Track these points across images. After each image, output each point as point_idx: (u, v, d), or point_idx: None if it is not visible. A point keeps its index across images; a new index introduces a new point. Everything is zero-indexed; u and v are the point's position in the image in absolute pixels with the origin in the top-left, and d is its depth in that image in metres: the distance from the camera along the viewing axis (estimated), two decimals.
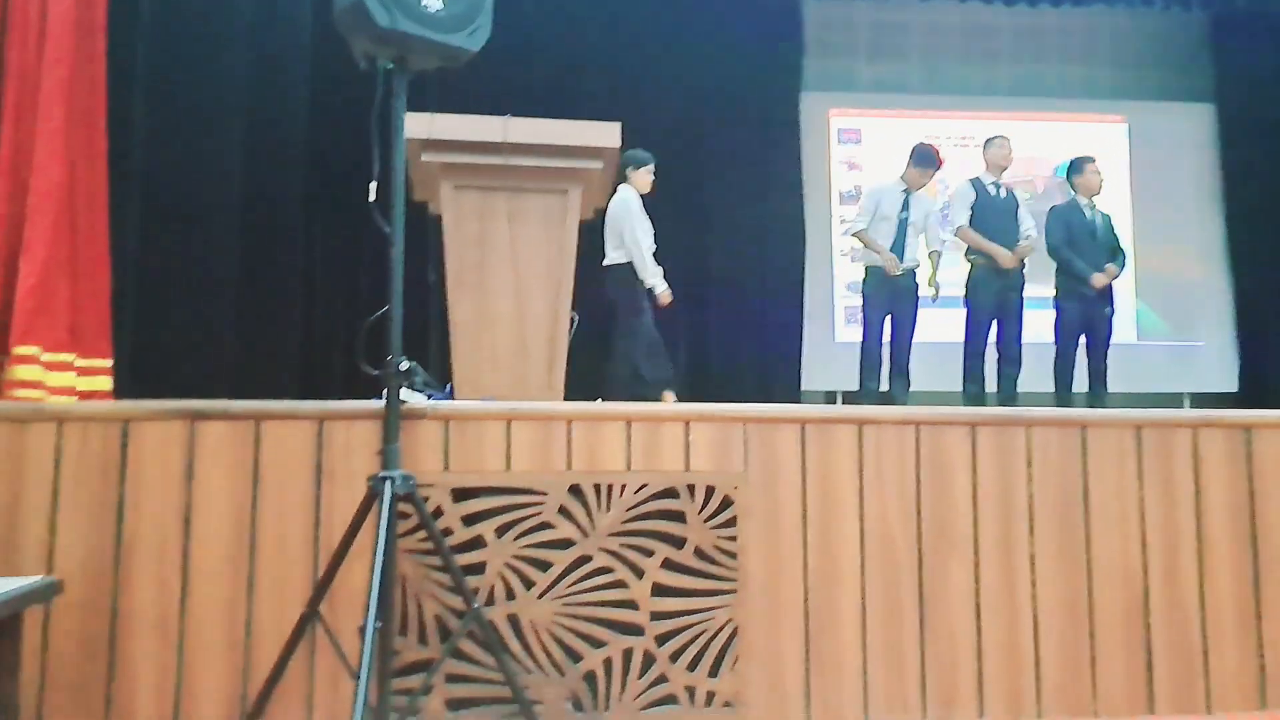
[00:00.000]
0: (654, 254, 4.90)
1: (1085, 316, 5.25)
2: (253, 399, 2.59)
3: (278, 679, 2.32)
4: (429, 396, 2.76)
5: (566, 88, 6.39)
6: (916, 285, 5.29)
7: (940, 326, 5.66)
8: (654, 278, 4.87)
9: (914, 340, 5.28)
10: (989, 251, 5.21)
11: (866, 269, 5.32)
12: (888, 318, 5.26)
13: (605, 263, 4.89)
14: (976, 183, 5.38)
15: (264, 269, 5.64)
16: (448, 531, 2.49)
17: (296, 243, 5.92)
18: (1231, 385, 5.81)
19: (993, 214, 5.28)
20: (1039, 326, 5.52)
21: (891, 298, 5.23)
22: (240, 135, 5.56)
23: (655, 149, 5.77)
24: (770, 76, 7.04)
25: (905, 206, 5.25)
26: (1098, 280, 5.17)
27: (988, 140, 5.48)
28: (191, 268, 5.20)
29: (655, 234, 4.96)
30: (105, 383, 3.57)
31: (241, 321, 5.46)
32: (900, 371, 5.26)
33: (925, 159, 5.30)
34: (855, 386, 5.33)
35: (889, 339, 5.27)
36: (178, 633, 2.40)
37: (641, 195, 4.97)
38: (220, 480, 2.47)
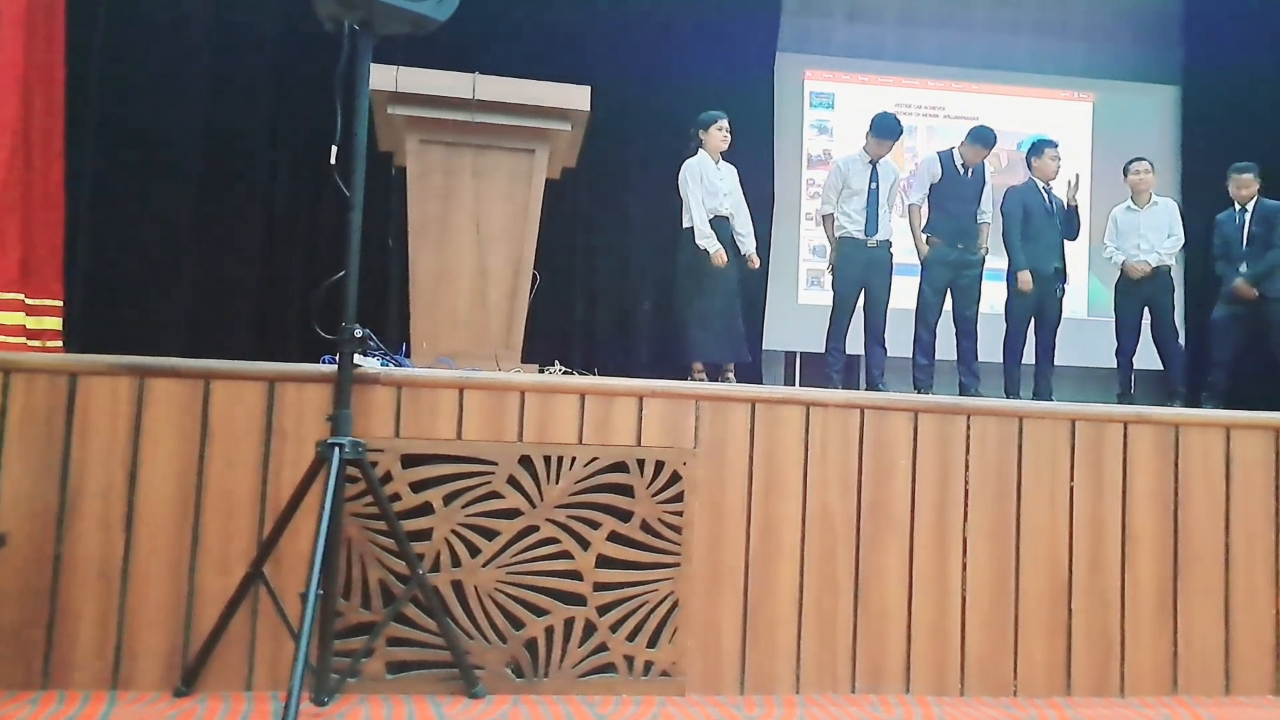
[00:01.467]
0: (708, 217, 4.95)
1: (1037, 294, 5.33)
2: (205, 352, 2.59)
3: (219, 637, 2.36)
4: (383, 362, 2.76)
5: (537, 49, 6.27)
6: (890, 256, 5.29)
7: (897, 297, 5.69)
8: (703, 239, 4.90)
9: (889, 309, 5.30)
10: (915, 242, 5.30)
11: (840, 240, 5.28)
12: (862, 290, 5.26)
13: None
14: (945, 157, 5.39)
15: (223, 219, 5.55)
16: (395, 497, 2.52)
17: (257, 193, 5.82)
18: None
19: (954, 193, 5.30)
20: (994, 298, 5.60)
21: (866, 269, 5.23)
22: (203, 79, 5.44)
23: (627, 110, 5.74)
24: (746, 35, 6.97)
25: (873, 177, 5.25)
26: (1024, 281, 5.25)
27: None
28: (148, 213, 5.11)
29: (629, 196, 4.96)
30: (55, 323, 3.54)
31: (198, 270, 5.38)
32: (877, 341, 5.27)
33: (885, 129, 5.26)
34: (814, 348, 5.34)
35: (863, 309, 5.28)
36: (120, 588, 2.42)
37: (721, 152, 5.05)
38: (168, 438, 2.47)
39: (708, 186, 4.97)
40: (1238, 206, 5.47)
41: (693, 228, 4.92)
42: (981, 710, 2.66)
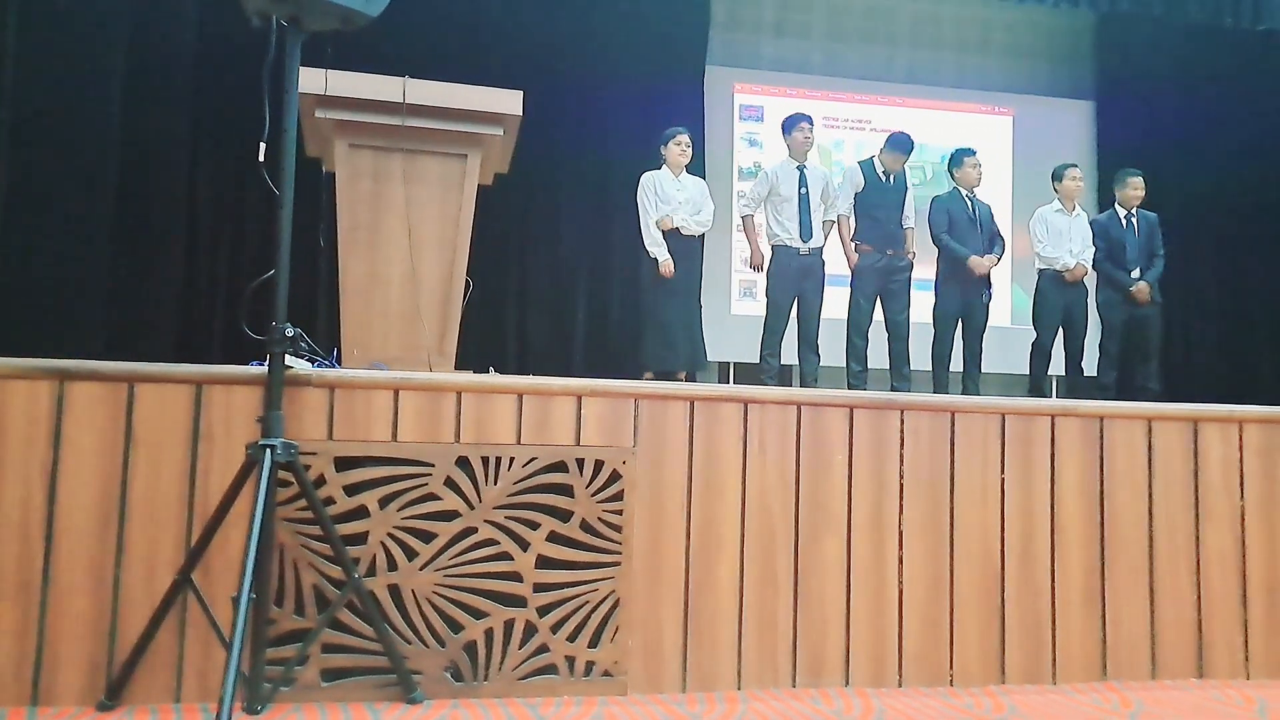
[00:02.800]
0: (656, 226, 5.14)
1: (963, 302, 5.46)
2: (129, 356, 2.51)
3: (145, 648, 2.28)
4: (314, 363, 2.71)
5: (468, 58, 6.28)
6: (823, 263, 5.36)
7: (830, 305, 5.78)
8: (652, 248, 5.13)
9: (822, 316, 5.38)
10: (845, 251, 5.40)
11: (774, 249, 5.34)
12: (796, 298, 5.32)
13: None
14: (866, 166, 5.50)
15: (143, 220, 5.42)
16: (329, 501, 2.47)
17: (179, 193, 5.70)
18: (1092, 370, 6.20)
19: (877, 200, 5.41)
20: (921, 308, 5.71)
21: (800, 277, 5.29)
22: (121, 79, 5.30)
23: (559, 118, 5.78)
24: (676, 48, 7.06)
25: (802, 183, 5.34)
26: (975, 263, 5.36)
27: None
28: (65, 215, 4.95)
29: (561, 203, 5.00)
30: None
31: (118, 275, 5.23)
32: (811, 348, 5.34)
33: (791, 121, 5.39)
34: (748, 358, 5.40)
35: (796, 316, 5.35)
36: (40, 599, 2.33)
37: (684, 165, 5.29)
38: (90, 442, 2.39)
39: (661, 197, 5.19)
40: (1123, 211, 5.67)
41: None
42: (919, 700, 2.69)
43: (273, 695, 2.33)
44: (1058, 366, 5.68)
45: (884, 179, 5.45)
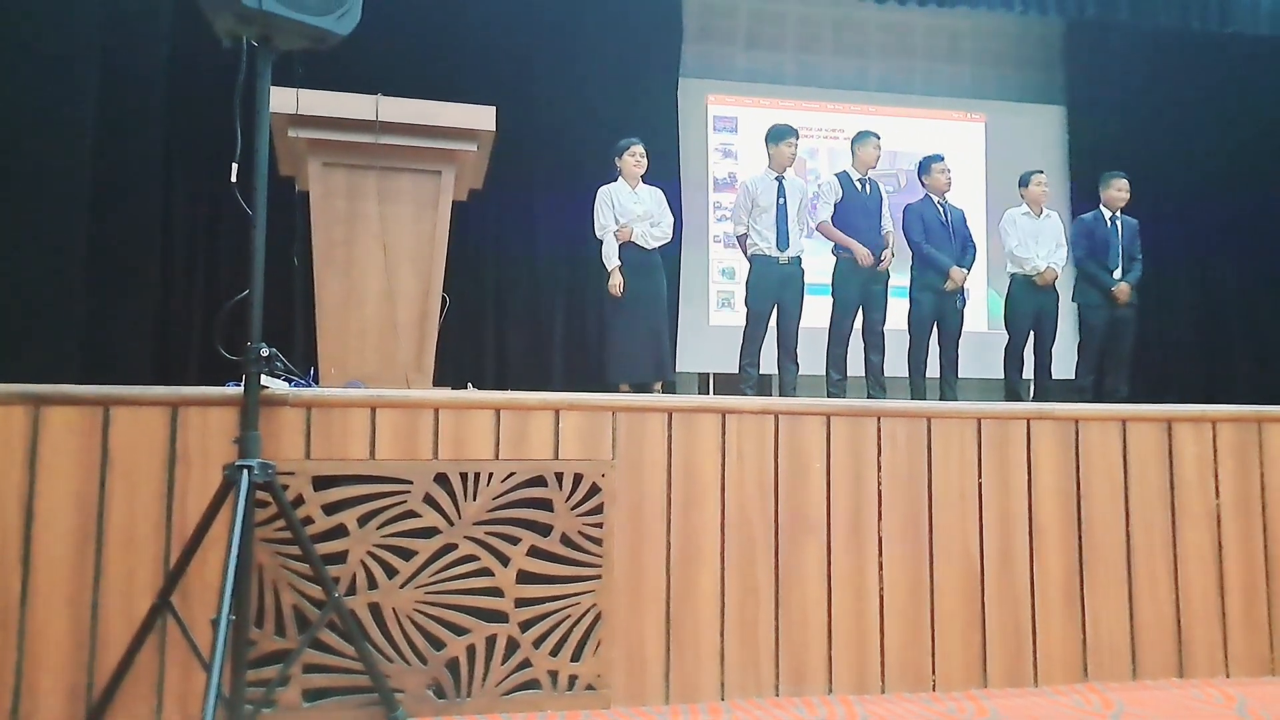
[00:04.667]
0: (614, 237, 5.15)
1: (937, 308, 5.50)
2: (105, 380, 2.49)
3: (124, 673, 2.26)
4: (291, 383, 2.71)
5: (441, 73, 6.30)
6: (802, 272, 5.38)
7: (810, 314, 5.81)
8: (607, 261, 5.15)
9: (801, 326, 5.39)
10: (848, 247, 5.39)
11: (752, 258, 5.37)
12: (775, 307, 5.33)
13: None
14: (844, 177, 5.54)
15: (117, 242, 5.39)
16: (308, 520, 2.47)
17: (153, 215, 5.68)
18: (1069, 373, 6.25)
19: (857, 209, 5.44)
20: (895, 315, 5.75)
21: (779, 286, 5.31)
22: (93, 105, 5.29)
23: (533, 132, 5.79)
24: (649, 61, 7.09)
25: (780, 193, 5.36)
26: (955, 274, 5.42)
27: (857, 136, 5.63)
28: (38, 238, 4.92)
29: (536, 217, 4.99)
30: None
31: (90, 300, 5.20)
32: (790, 358, 5.37)
33: (779, 134, 5.40)
34: (727, 369, 5.41)
35: (775, 325, 5.36)
36: (18, 627, 2.31)
37: (640, 175, 5.28)
38: (66, 467, 2.37)
39: (619, 210, 5.17)
40: (1108, 213, 5.74)
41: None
42: (902, 706, 2.71)
43: (254, 716, 2.31)
44: (1030, 370, 5.73)
45: (860, 187, 5.50)
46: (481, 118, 3.27)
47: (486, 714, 2.52)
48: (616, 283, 5.09)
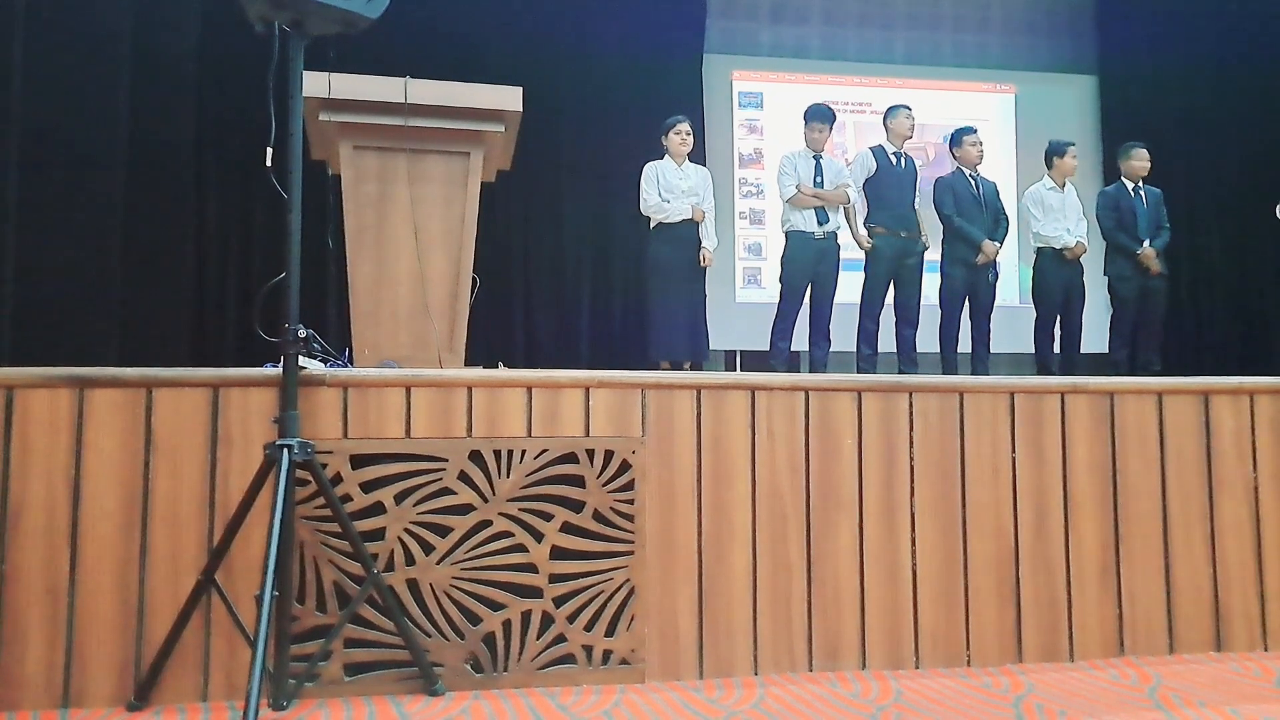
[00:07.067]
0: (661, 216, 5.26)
1: (969, 282, 5.46)
2: (143, 363, 2.54)
3: (172, 648, 2.32)
4: (327, 364, 2.74)
5: (468, 53, 6.32)
6: (838, 247, 5.37)
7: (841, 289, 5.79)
8: (656, 214, 5.28)
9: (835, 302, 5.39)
10: (854, 234, 5.41)
11: (787, 234, 5.36)
12: (809, 284, 5.33)
13: None
14: (878, 151, 5.51)
15: (154, 229, 5.46)
16: (346, 498, 2.50)
17: (188, 201, 5.75)
18: (1102, 346, 6.18)
19: (891, 182, 5.42)
20: (927, 290, 5.72)
21: (815, 260, 5.30)
22: (127, 89, 5.34)
23: (559, 112, 5.79)
24: (674, 37, 7.06)
25: (818, 171, 5.35)
26: (988, 248, 5.38)
27: (889, 110, 5.59)
28: (76, 226, 5.00)
29: (564, 196, 5.03)
30: None
31: (129, 283, 5.29)
32: (822, 334, 5.37)
33: (819, 115, 5.41)
34: (754, 346, 5.43)
35: (809, 301, 5.37)
36: (68, 603, 2.37)
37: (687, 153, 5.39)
38: (111, 448, 2.42)
39: (664, 186, 5.27)
40: (1130, 184, 5.66)
41: (659, 226, 5.25)
42: (937, 681, 2.71)
43: (297, 691, 2.37)
44: (1058, 345, 5.68)
45: (895, 161, 5.46)
46: (508, 98, 3.27)
47: (523, 688, 2.55)
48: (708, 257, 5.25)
